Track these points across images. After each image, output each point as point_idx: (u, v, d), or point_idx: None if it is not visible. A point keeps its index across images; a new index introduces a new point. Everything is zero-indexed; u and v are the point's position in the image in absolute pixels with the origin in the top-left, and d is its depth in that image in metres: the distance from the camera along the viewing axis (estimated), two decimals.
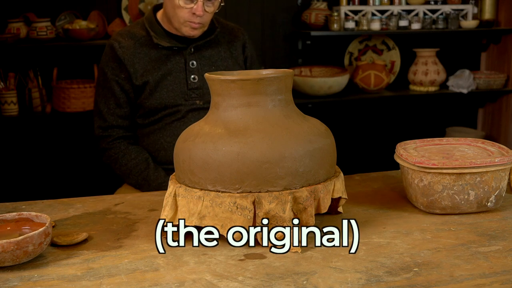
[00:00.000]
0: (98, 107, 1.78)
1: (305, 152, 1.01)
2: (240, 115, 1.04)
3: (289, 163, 0.99)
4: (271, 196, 0.98)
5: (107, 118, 1.76)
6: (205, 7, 1.67)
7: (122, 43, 1.74)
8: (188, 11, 1.67)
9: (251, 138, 1.00)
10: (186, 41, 1.77)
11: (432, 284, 0.86)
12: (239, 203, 0.98)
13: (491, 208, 1.16)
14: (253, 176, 0.98)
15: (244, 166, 0.98)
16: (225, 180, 0.99)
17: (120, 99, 1.75)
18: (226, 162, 0.98)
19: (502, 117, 3.76)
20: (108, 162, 1.80)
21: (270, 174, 0.98)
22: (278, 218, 0.99)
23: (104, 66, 1.77)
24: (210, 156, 1.00)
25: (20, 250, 0.93)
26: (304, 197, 1.01)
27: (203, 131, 1.05)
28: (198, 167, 1.01)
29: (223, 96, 1.06)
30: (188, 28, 1.71)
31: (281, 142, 1.00)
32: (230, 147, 0.99)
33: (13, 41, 2.90)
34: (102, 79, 1.77)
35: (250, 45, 1.91)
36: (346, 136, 3.69)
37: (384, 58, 3.72)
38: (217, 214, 0.99)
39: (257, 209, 0.98)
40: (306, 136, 1.03)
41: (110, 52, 1.75)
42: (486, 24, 3.62)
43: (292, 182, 1.00)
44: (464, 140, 1.31)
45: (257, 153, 0.98)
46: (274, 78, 1.05)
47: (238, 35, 1.88)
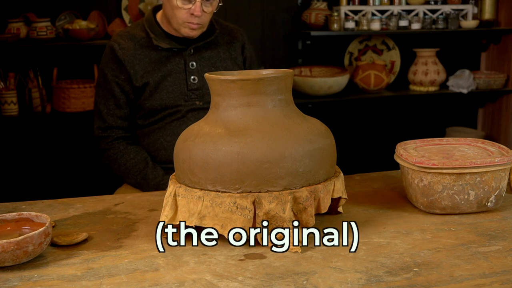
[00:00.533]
0: (98, 108, 1.78)
1: (305, 152, 1.01)
2: (240, 115, 1.04)
3: (289, 163, 0.99)
4: (271, 196, 0.98)
5: (107, 119, 1.76)
6: (203, 7, 1.67)
7: (122, 45, 1.75)
8: (186, 11, 1.67)
9: (251, 138, 1.00)
10: (185, 42, 1.77)
11: (432, 284, 0.86)
12: (239, 203, 0.98)
13: (491, 208, 1.16)
14: (253, 176, 0.98)
15: (244, 166, 0.98)
16: (225, 180, 0.99)
17: (120, 100, 1.75)
18: (226, 162, 0.99)
19: (502, 117, 3.76)
20: (107, 163, 1.80)
21: (270, 174, 0.98)
22: (278, 218, 0.99)
23: (104, 67, 1.77)
24: (210, 156, 1.00)
25: (20, 250, 0.93)
26: (304, 197, 1.01)
27: (203, 131, 1.05)
28: (198, 167, 1.01)
29: (223, 96, 1.06)
30: (187, 29, 1.71)
31: (281, 142, 1.00)
32: (230, 147, 0.99)
33: (13, 41, 2.90)
34: (102, 80, 1.77)
35: (249, 46, 1.91)
36: (346, 136, 3.69)
37: (384, 58, 3.72)
38: (217, 214, 0.99)
39: (257, 209, 0.98)
40: (306, 136, 1.03)
41: (110, 53, 1.75)
42: (486, 24, 3.62)
43: (292, 182, 1.00)
44: (464, 140, 1.31)
45: (257, 153, 0.98)
46: (274, 78, 1.05)
47: (237, 36, 1.88)
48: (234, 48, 1.85)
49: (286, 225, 0.99)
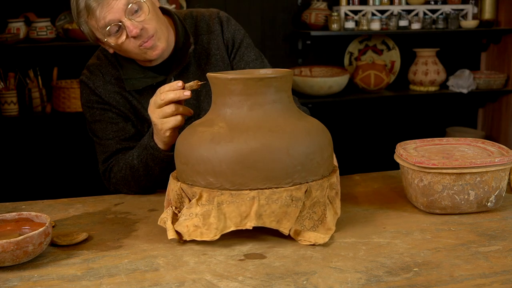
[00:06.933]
0: (96, 142, 1.50)
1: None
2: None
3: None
4: (317, 184, 1.04)
5: (108, 146, 1.46)
6: (135, 21, 1.33)
7: (96, 83, 1.47)
8: (127, 40, 1.35)
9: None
10: (162, 72, 1.47)
11: (432, 284, 0.86)
12: (294, 195, 1.00)
13: (491, 208, 1.16)
14: (301, 168, 1.03)
15: (294, 159, 1.02)
16: (277, 176, 1.01)
17: (119, 123, 1.48)
18: (276, 159, 1.00)
19: (502, 117, 3.76)
20: (117, 187, 1.44)
21: (313, 164, 1.05)
22: (320, 204, 1.05)
23: (86, 102, 1.50)
24: (259, 154, 1.01)
25: (20, 250, 0.93)
26: (336, 182, 1.09)
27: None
28: (246, 168, 1.00)
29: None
30: (149, 51, 1.37)
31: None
32: (279, 143, 1.02)
33: (13, 41, 2.90)
34: (90, 115, 1.51)
35: (229, 27, 1.55)
36: (346, 136, 3.69)
37: (384, 58, 3.72)
38: (273, 211, 1.00)
39: (305, 198, 1.02)
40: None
41: (86, 89, 1.49)
42: (486, 24, 3.62)
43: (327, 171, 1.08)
44: (464, 140, 1.31)
45: (303, 147, 1.03)
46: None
47: (212, 30, 1.54)
48: (216, 46, 1.53)
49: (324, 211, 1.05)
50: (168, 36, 1.42)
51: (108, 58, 1.49)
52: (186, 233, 1.01)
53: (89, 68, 1.50)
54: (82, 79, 1.49)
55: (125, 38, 1.35)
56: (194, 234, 1.01)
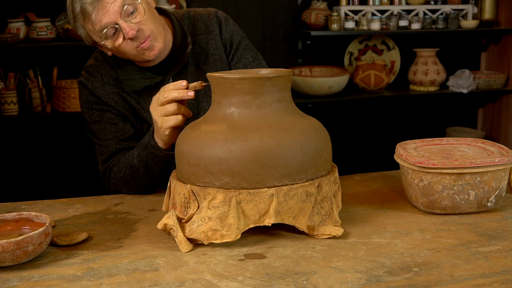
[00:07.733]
0: (95, 143, 1.50)
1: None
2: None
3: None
4: (327, 179, 1.07)
5: (108, 146, 1.46)
6: (131, 23, 1.33)
7: (95, 84, 1.47)
8: (125, 42, 1.35)
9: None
10: (161, 72, 1.47)
11: (432, 284, 0.86)
12: (308, 191, 1.02)
13: (491, 208, 1.16)
14: (313, 164, 1.05)
15: (307, 156, 1.04)
16: (292, 173, 1.03)
17: (118, 124, 1.48)
18: (291, 156, 1.02)
19: (502, 117, 3.76)
20: (118, 187, 1.44)
21: (321, 160, 1.07)
22: (328, 199, 1.07)
23: (85, 103, 1.50)
24: (274, 153, 1.02)
25: (20, 250, 0.93)
26: (337, 177, 1.12)
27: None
28: (263, 166, 1.00)
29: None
30: (146, 52, 1.38)
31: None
32: (292, 139, 1.03)
33: (13, 41, 2.90)
34: (89, 116, 1.51)
35: (227, 27, 1.55)
36: (346, 136, 3.69)
37: (384, 58, 3.73)
38: (291, 207, 1.01)
39: (317, 193, 1.04)
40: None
41: (85, 90, 1.49)
42: (486, 24, 3.62)
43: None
44: (464, 140, 1.31)
45: (314, 144, 1.05)
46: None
47: (210, 30, 1.53)
48: (215, 46, 1.53)
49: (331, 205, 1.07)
50: (165, 36, 1.42)
51: (106, 59, 1.49)
52: (204, 238, 1.01)
53: (87, 69, 1.50)
54: (80, 80, 1.49)
55: (122, 40, 1.35)
56: (214, 237, 1.00)
